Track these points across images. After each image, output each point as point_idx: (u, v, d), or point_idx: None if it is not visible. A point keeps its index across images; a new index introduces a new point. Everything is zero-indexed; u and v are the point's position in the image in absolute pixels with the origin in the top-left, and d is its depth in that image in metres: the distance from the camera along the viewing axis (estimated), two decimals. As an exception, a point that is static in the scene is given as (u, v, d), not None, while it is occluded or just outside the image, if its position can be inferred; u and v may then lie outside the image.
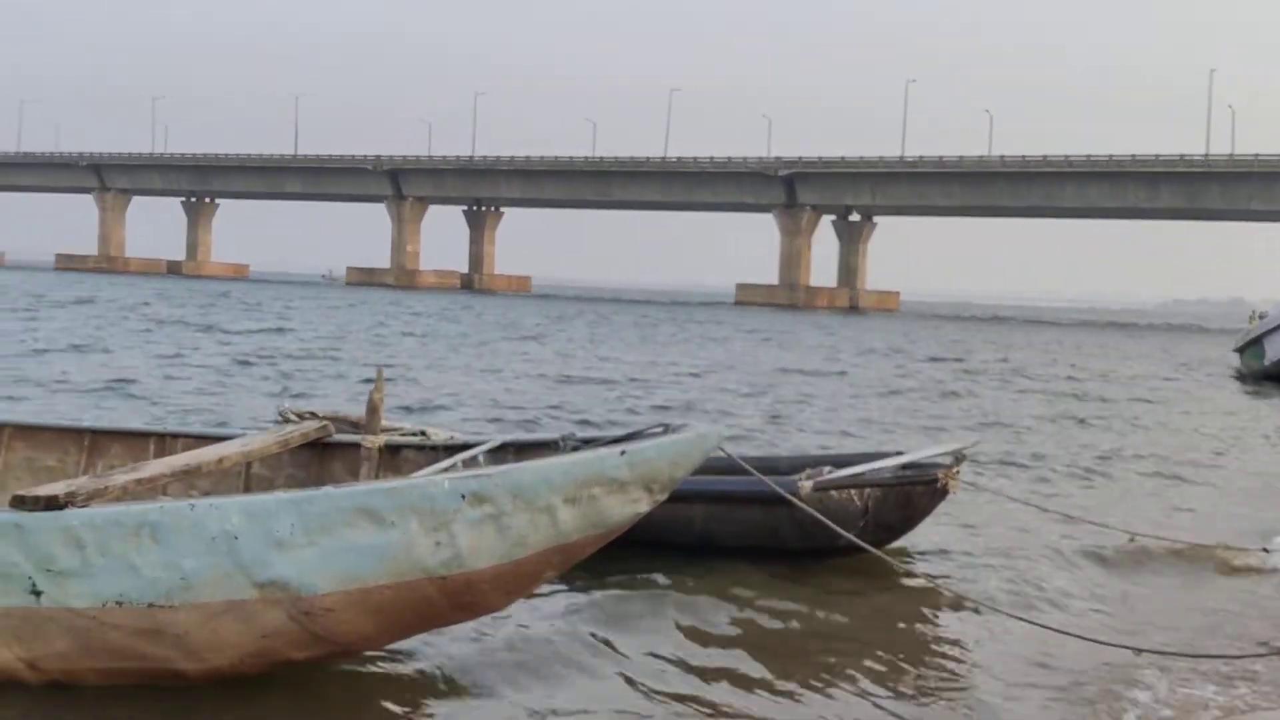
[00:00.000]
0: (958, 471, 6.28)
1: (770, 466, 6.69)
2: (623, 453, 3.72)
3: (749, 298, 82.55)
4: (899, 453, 6.97)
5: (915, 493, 6.25)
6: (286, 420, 7.49)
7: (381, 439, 4.91)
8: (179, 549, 3.62)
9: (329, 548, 3.61)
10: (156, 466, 4.23)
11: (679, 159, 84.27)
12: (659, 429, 3.97)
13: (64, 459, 5.36)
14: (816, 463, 6.88)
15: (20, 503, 3.73)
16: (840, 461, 6.74)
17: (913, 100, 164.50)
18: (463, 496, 3.60)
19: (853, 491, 6.10)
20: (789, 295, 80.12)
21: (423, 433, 7.65)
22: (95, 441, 5.38)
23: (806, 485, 5.97)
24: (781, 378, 19.42)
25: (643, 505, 3.81)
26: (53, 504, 3.70)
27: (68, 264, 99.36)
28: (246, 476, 5.09)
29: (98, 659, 3.79)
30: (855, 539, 5.37)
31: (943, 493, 6.25)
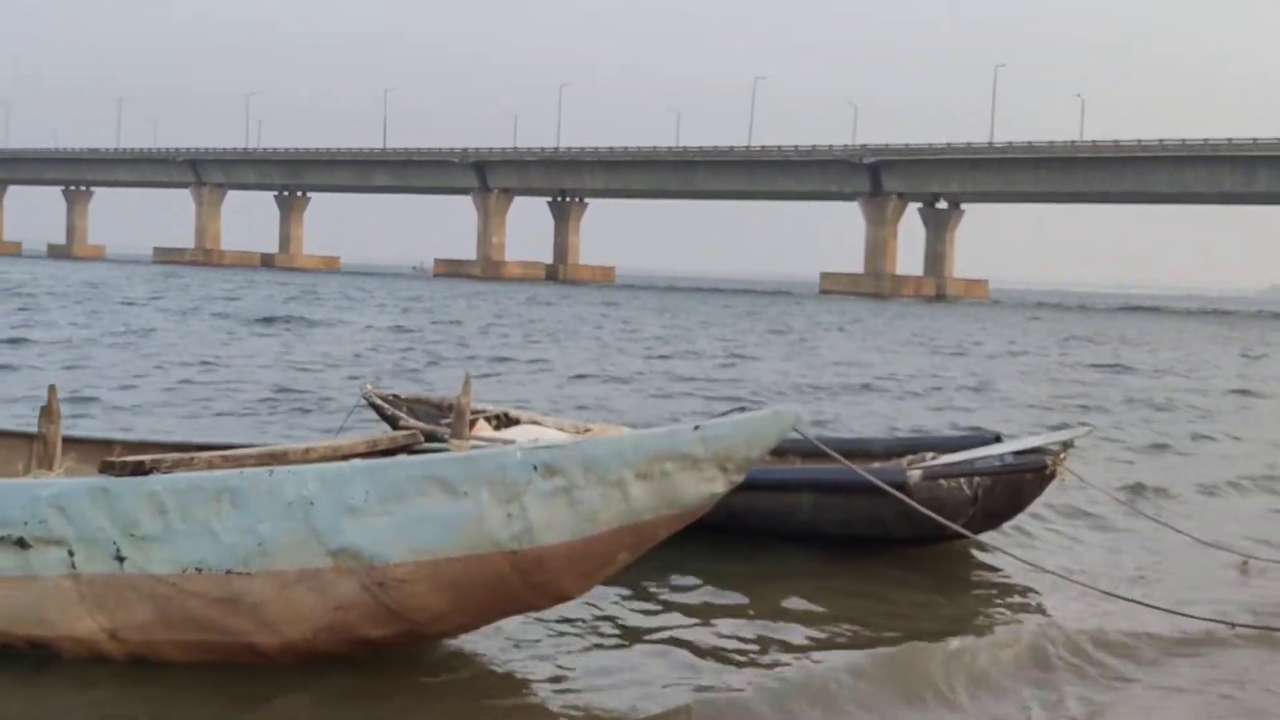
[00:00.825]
0: (1064, 458, 6.17)
1: (864, 450, 6.72)
2: (696, 428, 3.65)
3: (833, 286, 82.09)
4: (996, 436, 6.90)
5: (1025, 480, 6.13)
6: (368, 401, 7.77)
7: (468, 444, 4.88)
8: (256, 514, 3.65)
9: (402, 516, 3.61)
10: (244, 451, 4.30)
11: (763, 148, 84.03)
12: (736, 409, 3.95)
13: None
14: (911, 447, 6.85)
15: (108, 468, 3.81)
16: (938, 446, 6.69)
17: (1001, 86, 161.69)
18: (534, 468, 3.57)
19: (962, 480, 5.96)
20: (874, 284, 79.51)
21: (506, 417, 7.70)
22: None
23: (916, 474, 5.87)
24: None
25: (718, 485, 3.68)
26: (139, 470, 3.79)
27: (165, 257, 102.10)
28: None
29: (177, 630, 3.83)
30: (963, 530, 5.36)
31: (1049, 479, 6.16)
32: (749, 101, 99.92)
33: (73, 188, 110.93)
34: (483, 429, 7.12)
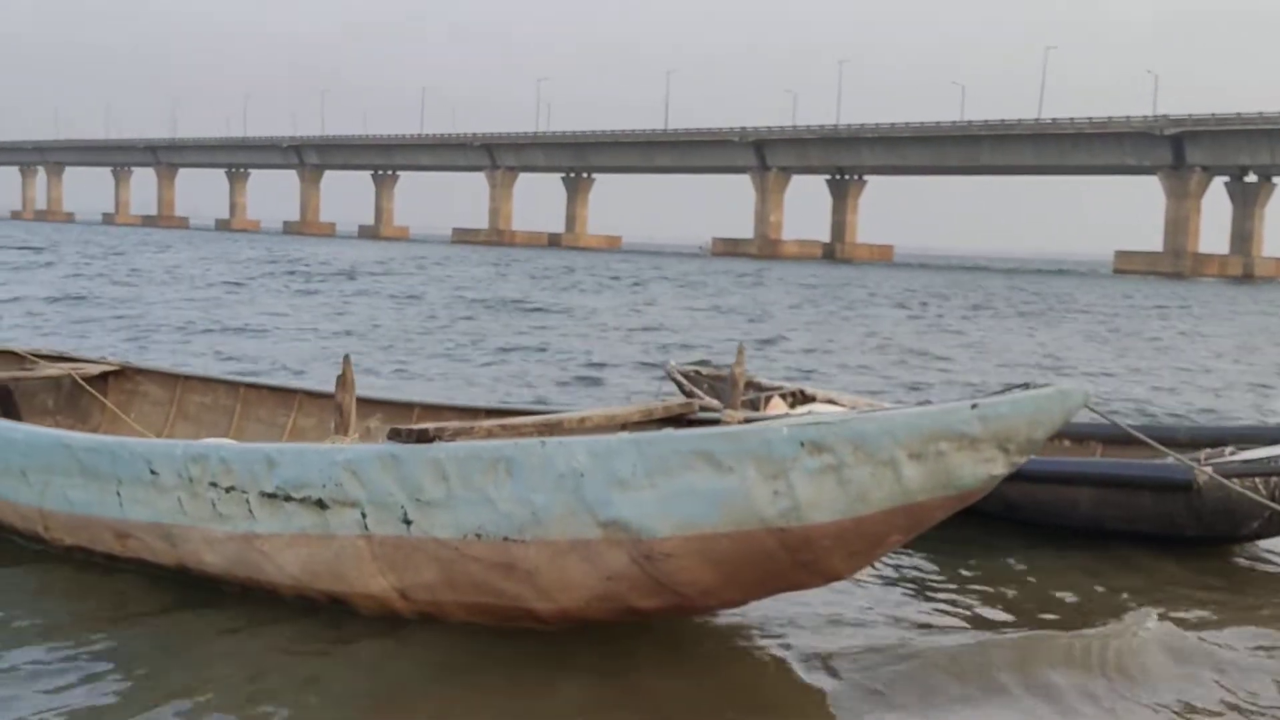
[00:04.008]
0: None
1: (1168, 438, 6.38)
2: (974, 406, 3.45)
3: (1129, 266, 78.06)
4: None
5: None
6: (670, 375, 8.02)
7: (741, 414, 4.85)
8: (530, 484, 3.72)
9: (668, 490, 3.60)
10: (522, 420, 4.39)
11: (1053, 120, 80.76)
12: (1020, 386, 3.65)
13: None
14: (1217, 438, 6.56)
15: (396, 435, 3.97)
16: (1250, 437, 6.40)
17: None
18: (801, 444, 3.48)
19: (1258, 479, 5.53)
20: (1174, 263, 75.10)
21: (801, 394, 7.69)
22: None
23: (1205, 472, 5.50)
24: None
25: (998, 467, 3.49)
26: (424, 437, 3.92)
27: (462, 238, 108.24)
28: None
29: (460, 592, 3.96)
30: (1256, 533, 5.15)
31: None
32: (1039, 72, 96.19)
33: (380, 172, 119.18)
34: (777, 406, 7.20)
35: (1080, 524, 5.97)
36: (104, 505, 4.55)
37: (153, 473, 4.38)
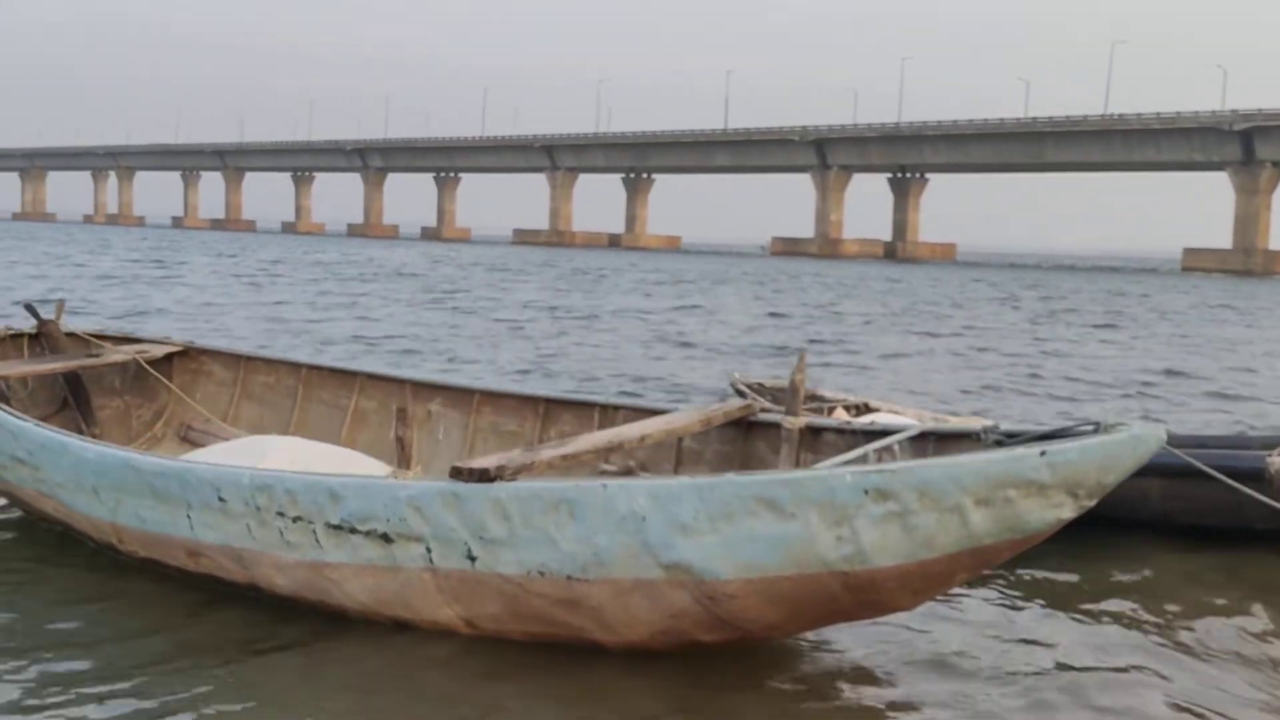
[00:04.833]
0: None
1: (1243, 444, 6.42)
2: (1042, 453, 3.43)
3: (1197, 263, 76.70)
4: None
5: None
6: (734, 388, 8.00)
7: (802, 421, 4.84)
8: (592, 526, 3.74)
9: (731, 535, 3.61)
10: (581, 443, 4.41)
11: (1120, 116, 79.57)
12: (1089, 427, 3.67)
13: (522, 424, 5.75)
14: None
15: (458, 474, 3.97)
16: None
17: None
18: (865, 492, 3.49)
19: None
20: (1243, 260, 73.65)
21: (865, 407, 7.63)
22: (549, 410, 5.72)
23: (1277, 462, 5.55)
24: None
25: (1066, 511, 3.49)
26: (484, 476, 3.91)
27: (523, 238, 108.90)
28: (678, 449, 5.27)
29: (525, 623, 4.00)
30: None
31: None
32: (1105, 67, 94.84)
33: (442, 174, 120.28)
34: (840, 418, 7.12)
35: (1149, 517, 5.90)
36: (175, 525, 4.58)
37: (221, 499, 4.40)
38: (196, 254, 44.17)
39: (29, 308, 6.93)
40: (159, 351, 6.86)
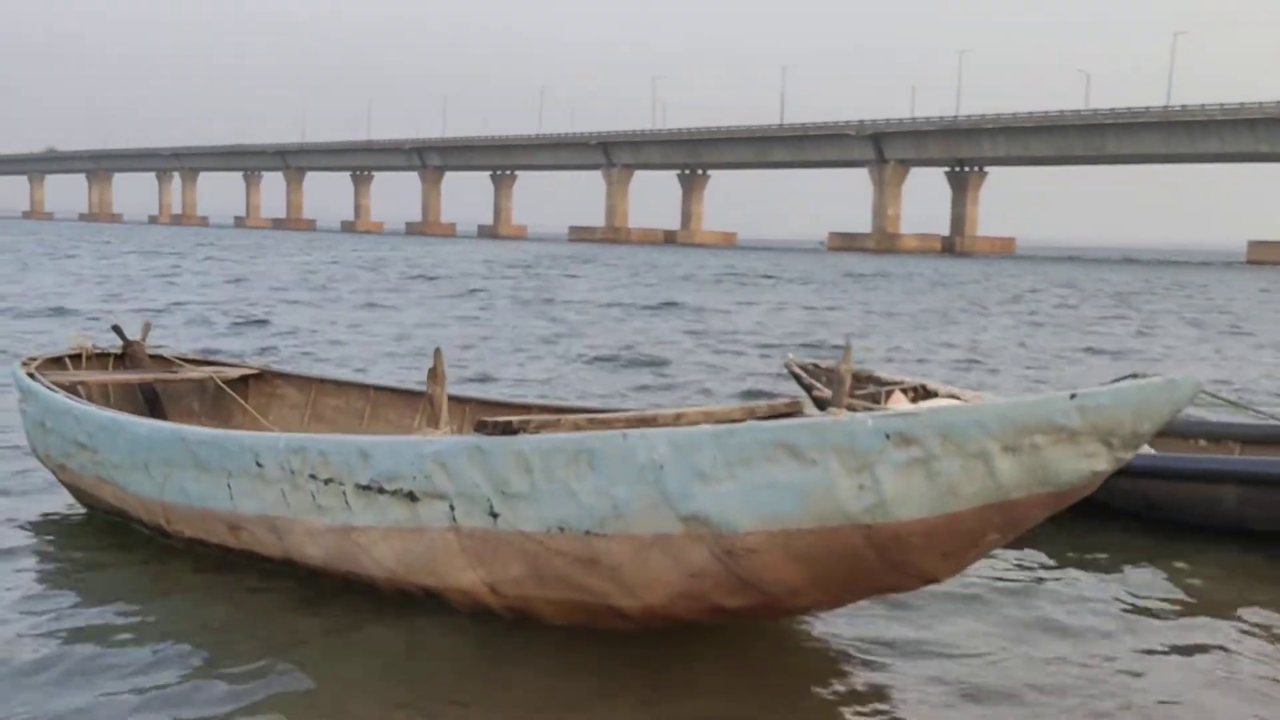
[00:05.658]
0: None
1: None
2: (1072, 396, 3.28)
3: (1263, 256, 75.56)
4: None
5: None
6: (790, 370, 7.82)
7: (845, 413, 5.00)
8: (611, 476, 3.70)
9: (749, 482, 3.52)
10: (612, 416, 4.42)
11: (1183, 107, 78.49)
12: (1128, 377, 3.63)
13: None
14: None
15: (482, 428, 3.99)
16: None
17: None
18: (886, 436, 3.37)
19: None
20: (1312, 252, 72.46)
21: (924, 389, 7.42)
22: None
23: None
24: None
25: (1100, 463, 3.31)
26: (508, 430, 3.94)
27: (579, 235, 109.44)
28: None
29: (547, 587, 3.96)
30: None
31: None
32: (1167, 57, 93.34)
33: (499, 172, 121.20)
34: (899, 401, 7.07)
35: (1224, 524, 5.77)
36: (217, 498, 4.71)
37: (258, 465, 4.50)
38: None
39: (116, 329, 7.21)
40: (235, 373, 7.09)
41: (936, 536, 3.42)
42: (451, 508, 3.99)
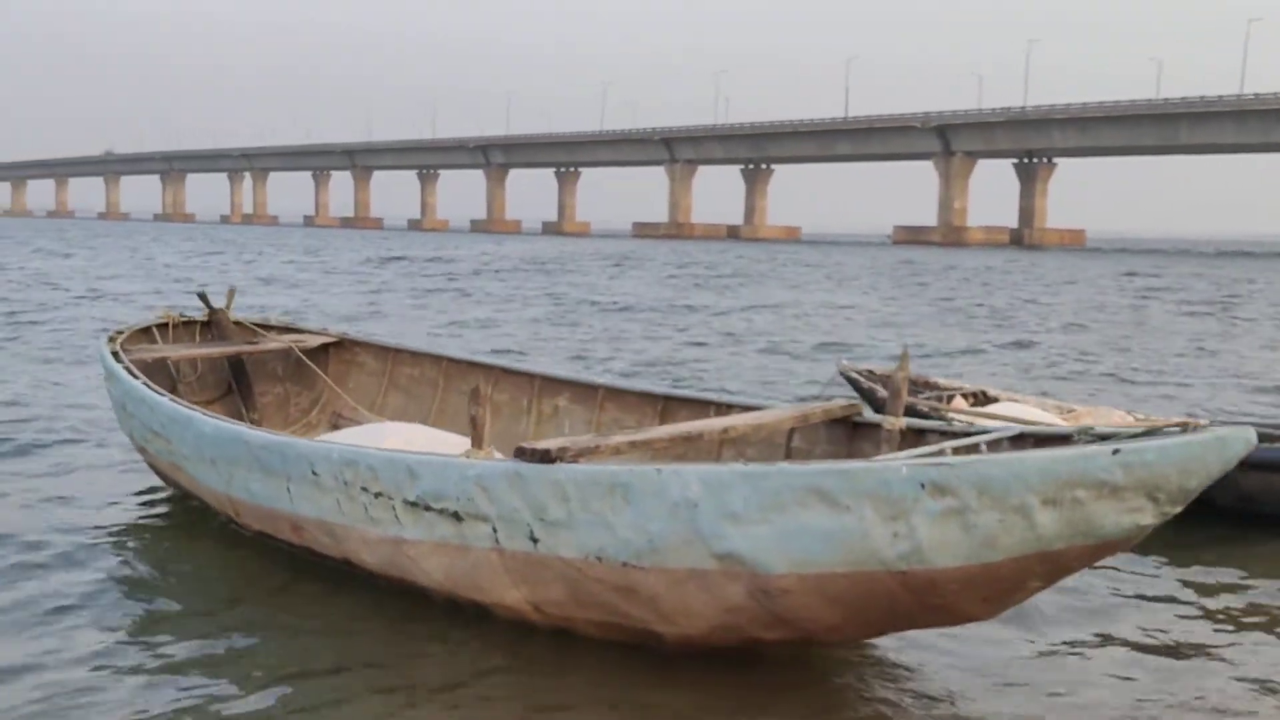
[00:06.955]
0: None
1: None
2: (1115, 451, 3.21)
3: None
4: None
5: None
6: (844, 375, 7.86)
7: (902, 421, 4.57)
8: (646, 511, 3.68)
9: (782, 526, 3.49)
10: (655, 432, 4.36)
11: (1257, 95, 76.61)
12: (1176, 428, 3.39)
13: (641, 420, 5.71)
14: None
15: (521, 454, 3.96)
16: None
17: None
18: (922, 485, 3.32)
19: None
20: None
21: (984, 395, 7.48)
22: (667, 406, 5.63)
23: None
24: None
25: (1146, 518, 3.26)
26: (546, 457, 3.89)
27: (643, 232, 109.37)
28: (788, 448, 5.05)
29: (587, 610, 3.97)
30: None
31: None
32: (1240, 45, 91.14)
33: (563, 169, 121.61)
34: (959, 406, 6.99)
35: (1233, 504, 5.71)
36: (279, 499, 4.80)
37: (314, 473, 4.56)
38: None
39: (202, 296, 7.31)
40: (315, 341, 7.18)
41: (975, 584, 3.40)
42: (494, 530, 4.03)
